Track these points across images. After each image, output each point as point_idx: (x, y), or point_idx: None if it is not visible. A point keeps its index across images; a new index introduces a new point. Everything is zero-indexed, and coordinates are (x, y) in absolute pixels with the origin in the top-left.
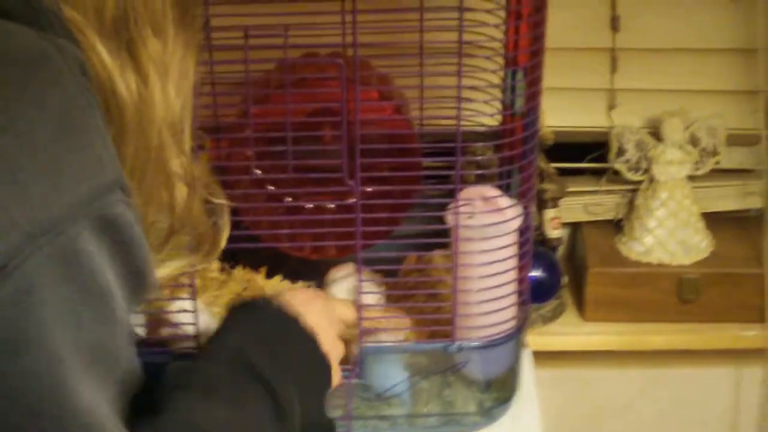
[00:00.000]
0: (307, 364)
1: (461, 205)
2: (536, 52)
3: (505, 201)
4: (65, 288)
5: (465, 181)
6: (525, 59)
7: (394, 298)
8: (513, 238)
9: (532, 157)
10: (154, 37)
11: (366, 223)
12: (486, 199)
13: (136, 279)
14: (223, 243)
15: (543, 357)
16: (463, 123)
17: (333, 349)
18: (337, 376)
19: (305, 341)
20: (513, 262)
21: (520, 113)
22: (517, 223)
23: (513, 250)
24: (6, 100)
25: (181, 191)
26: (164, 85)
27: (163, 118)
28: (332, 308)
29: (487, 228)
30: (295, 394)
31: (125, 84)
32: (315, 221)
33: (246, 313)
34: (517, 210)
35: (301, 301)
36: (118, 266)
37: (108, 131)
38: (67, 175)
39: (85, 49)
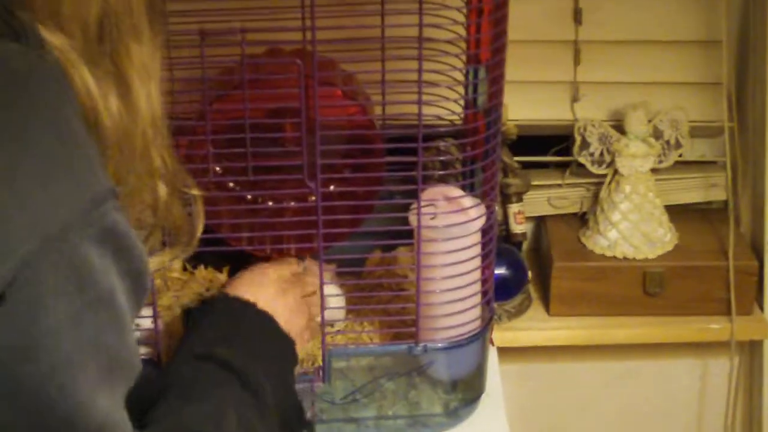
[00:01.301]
0: (268, 344)
1: (424, 206)
2: (498, 49)
3: (468, 201)
4: (73, 296)
5: (428, 180)
6: (487, 56)
7: (358, 299)
8: (476, 237)
9: (495, 156)
10: (135, 43)
11: (327, 224)
12: (449, 199)
13: (136, 282)
14: (199, 232)
15: (509, 353)
16: (425, 121)
17: (292, 321)
18: (300, 347)
19: (262, 323)
20: (477, 262)
21: (483, 110)
22: (480, 223)
23: (476, 250)
24: (3, 112)
25: (162, 189)
26: (147, 89)
27: (146, 119)
28: (287, 279)
29: (450, 228)
30: (262, 375)
31: (111, 103)
32: (276, 221)
33: (202, 312)
34: (480, 210)
35: (252, 284)
36: (120, 271)
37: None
38: (67, 184)
39: (69, 69)
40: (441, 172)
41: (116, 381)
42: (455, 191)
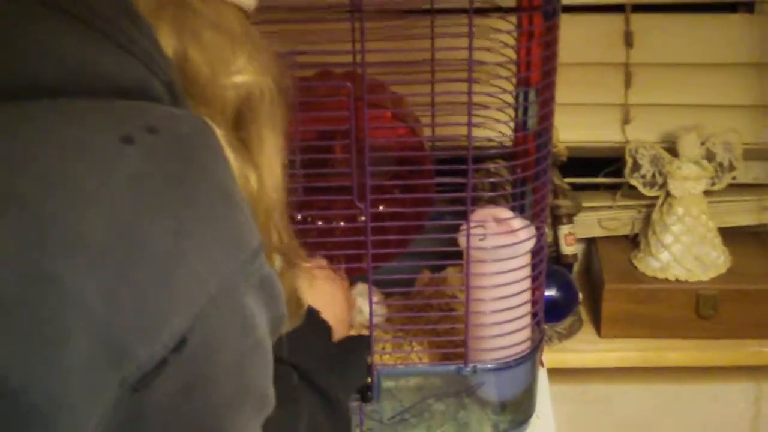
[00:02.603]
0: (325, 348)
1: (473, 227)
2: (548, 72)
3: (517, 222)
4: (238, 341)
5: (478, 201)
6: (537, 79)
7: (407, 319)
8: (526, 259)
9: (545, 178)
10: (269, 130)
11: (376, 244)
12: (498, 220)
13: (277, 326)
14: (306, 305)
15: (559, 374)
16: (475, 143)
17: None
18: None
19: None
20: (526, 284)
21: (533, 133)
22: (530, 245)
23: (526, 272)
24: (186, 175)
25: (278, 262)
26: (274, 172)
27: (270, 200)
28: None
29: (500, 250)
30: (334, 379)
31: (243, 181)
32: (327, 241)
33: None
34: (530, 231)
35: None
36: (269, 316)
37: None
38: (235, 239)
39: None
40: (491, 194)
41: (262, 417)
42: (505, 213)
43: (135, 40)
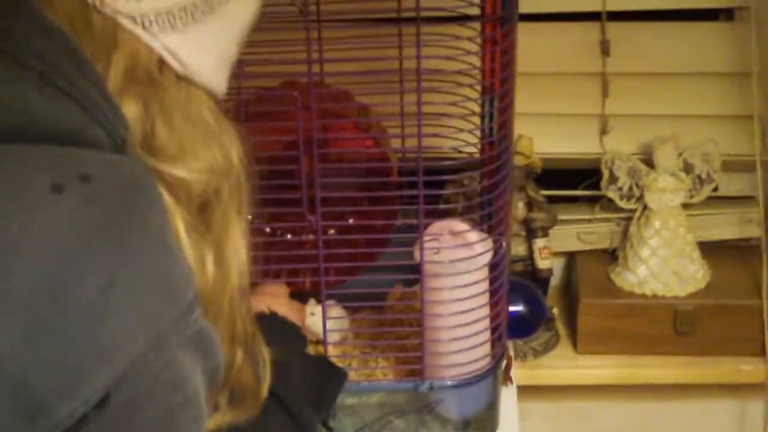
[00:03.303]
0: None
1: (427, 241)
2: (506, 79)
3: (474, 235)
4: (168, 396)
5: (450, 214)
6: (496, 86)
7: (369, 336)
8: (484, 273)
9: (504, 187)
10: (236, 215)
11: (334, 258)
12: (454, 233)
13: (215, 378)
14: (264, 395)
15: (534, 391)
16: (444, 154)
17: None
18: None
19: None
20: (485, 298)
21: (489, 142)
22: (487, 258)
23: (484, 286)
24: (119, 224)
25: (239, 353)
26: (239, 258)
27: (235, 286)
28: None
29: (456, 264)
30: (308, 408)
31: (207, 266)
32: (281, 255)
33: None
34: (487, 244)
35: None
36: (204, 369)
37: None
38: (169, 291)
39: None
40: (444, 206)
41: None
42: (460, 225)
43: (75, 82)
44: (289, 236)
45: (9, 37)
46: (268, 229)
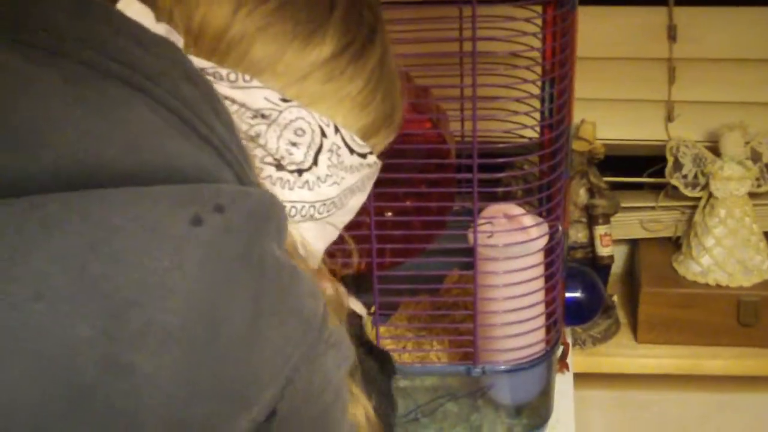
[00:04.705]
0: None
1: (481, 224)
2: (565, 61)
3: (528, 219)
4: (321, 398)
5: (509, 198)
6: (554, 68)
7: (427, 318)
8: (539, 258)
9: (561, 171)
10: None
11: (387, 241)
12: (509, 217)
13: (351, 372)
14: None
15: (593, 379)
16: (503, 138)
17: None
18: None
19: None
20: (539, 283)
21: (548, 125)
22: (542, 243)
23: (539, 271)
24: (255, 252)
25: None
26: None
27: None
28: None
29: (510, 248)
30: None
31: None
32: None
33: None
34: (543, 229)
35: None
36: (343, 367)
37: None
38: (307, 308)
39: None
40: (501, 190)
41: None
42: (515, 209)
43: (213, 127)
44: None
45: (160, 81)
46: None
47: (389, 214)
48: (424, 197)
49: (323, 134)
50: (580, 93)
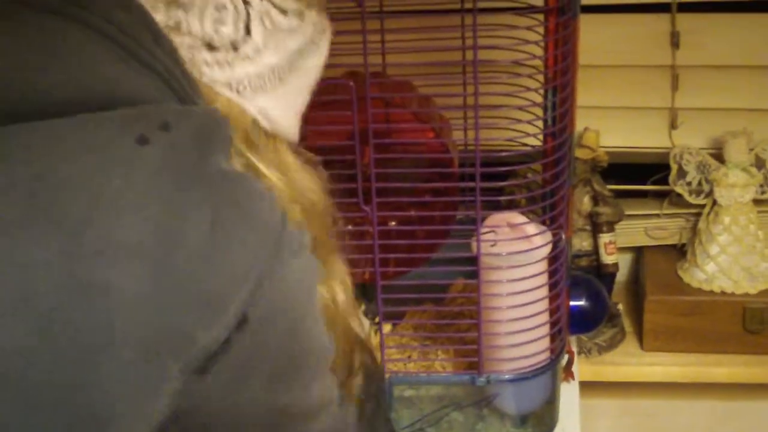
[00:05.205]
0: None
1: (484, 233)
2: (566, 69)
3: (532, 228)
4: (294, 307)
5: (512, 206)
6: (555, 77)
7: (431, 327)
8: (542, 266)
9: (564, 180)
10: (332, 256)
11: (391, 250)
12: (512, 225)
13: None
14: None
15: (599, 387)
16: (506, 146)
17: None
18: None
19: None
20: (543, 292)
21: (550, 133)
22: (545, 251)
23: (543, 279)
24: (201, 166)
25: (357, 354)
26: (345, 284)
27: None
28: None
29: (513, 256)
30: None
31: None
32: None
33: None
34: (546, 237)
35: None
36: (312, 277)
37: None
38: (265, 213)
39: None
40: (504, 198)
41: (325, 368)
42: (518, 218)
43: (154, 54)
44: (349, 227)
45: (93, 9)
46: None
47: (393, 223)
48: (427, 206)
49: (246, 2)
50: (583, 101)
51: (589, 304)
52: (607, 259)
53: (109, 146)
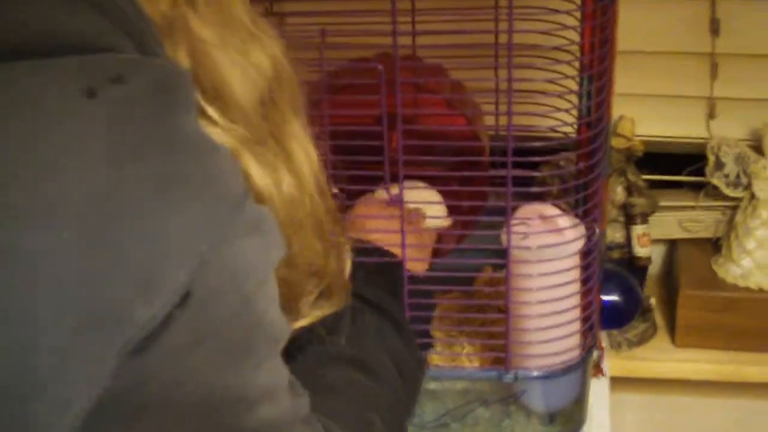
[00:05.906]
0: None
1: (515, 225)
2: (604, 56)
3: (565, 221)
4: (243, 285)
5: (544, 197)
6: (592, 64)
7: (457, 320)
8: (575, 260)
9: (599, 171)
10: (293, 115)
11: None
12: (544, 218)
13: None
14: (349, 283)
15: (629, 383)
16: (540, 133)
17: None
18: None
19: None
20: (575, 287)
21: (586, 122)
22: (578, 245)
23: (575, 274)
24: (156, 125)
25: (325, 248)
26: (307, 154)
27: (311, 184)
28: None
29: (545, 250)
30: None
31: (284, 181)
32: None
33: None
34: (579, 230)
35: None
36: (269, 253)
37: None
38: (221, 183)
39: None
40: (537, 189)
41: (279, 348)
42: (551, 210)
43: (117, 1)
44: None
45: None
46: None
47: None
48: (455, 195)
49: None
50: (619, 88)
51: (621, 298)
52: (640, 251)
53: (50, 99)
